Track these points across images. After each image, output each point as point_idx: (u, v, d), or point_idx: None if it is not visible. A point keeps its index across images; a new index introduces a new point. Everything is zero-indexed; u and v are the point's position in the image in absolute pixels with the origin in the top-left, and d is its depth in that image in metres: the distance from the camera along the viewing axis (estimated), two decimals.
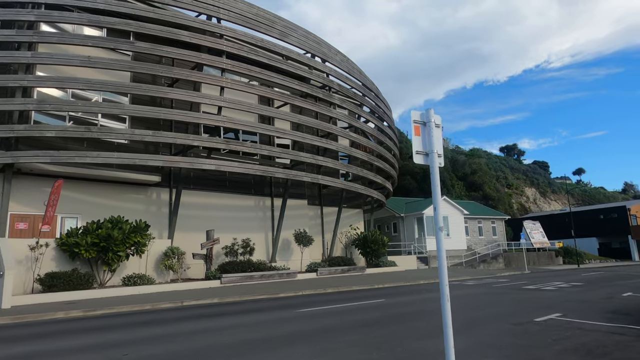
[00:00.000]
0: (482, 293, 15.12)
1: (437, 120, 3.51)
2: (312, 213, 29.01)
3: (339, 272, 24.26)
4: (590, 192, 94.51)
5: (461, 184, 59.47)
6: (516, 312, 10.33)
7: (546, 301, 12.40)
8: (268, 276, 20.30)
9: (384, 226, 40.02)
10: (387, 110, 31.39)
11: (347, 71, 24.11)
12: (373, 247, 28.78)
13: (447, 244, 36.43)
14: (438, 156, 3.36)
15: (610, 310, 10.30)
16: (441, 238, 3.35)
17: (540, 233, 41.27)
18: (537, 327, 8.24)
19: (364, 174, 25.54)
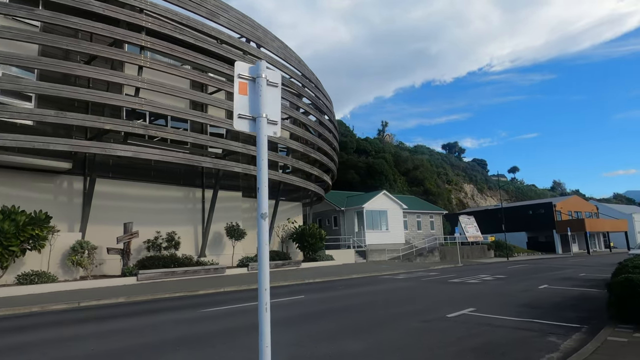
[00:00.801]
0: (408, 287, 14.93)
1: (273, 77, 2.75)
2: (248, 205, 27.90)
3: (272, 266, 23.42)
4: (523, 189, 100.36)
5: (403, 179, 60.57)
6: (432, 307, 10.04)
7: (466, 295, 12.31)
8: (193, 272, 19.06)
9: (324, 220, 39.68)
10: (328, 103, 30.84)
11: (284, 59, 23.16)
12: (310, 241, 28.26)
13: (386, 238, 36.78)
14: (269, 123, 2.61)
15: (523, 304, 10.29)
16: (263, 227, 2.60)
17: (475, 227, 42.81)
18: (445, 324, 7.90)
19: (300, 166, 24.83)
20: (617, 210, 65.98)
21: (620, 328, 6.86)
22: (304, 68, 26.26)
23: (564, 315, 8.77)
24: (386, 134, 75.00)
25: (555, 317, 8.46)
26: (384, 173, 54.72)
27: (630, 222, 60.55)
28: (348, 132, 61.75)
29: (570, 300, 10.76)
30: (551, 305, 10.01)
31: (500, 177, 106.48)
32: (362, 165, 55.42)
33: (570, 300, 10.88)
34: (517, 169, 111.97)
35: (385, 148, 62.06)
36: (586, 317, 8.42)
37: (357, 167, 55.15)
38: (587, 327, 7.50)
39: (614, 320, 7.43)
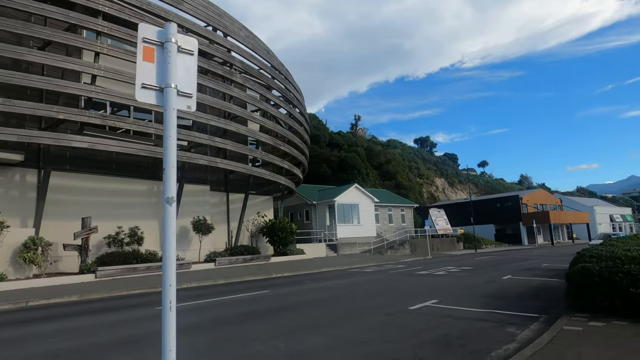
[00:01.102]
0: (375, 280, 14.84)
1: (187, 43, 2.40)
2: (217, 199, 27.30)
3: (240, 261, 22.99)
4: (492, 183, 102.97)
5: (376, 173, 60.87)
6: (397, 300, 9.92)
7: (431, 287, 12.31)
8: (156, 268, 18.41)
9: (296, 214, 39.38)
10: (298, 95, 30.44)
11: (252, 48, 22.57)
12: (280, 235, 27.91)
13: (358, 231, 36.82)
14: (181, 95, 2.28)
15: (486, 295, 10.32)
16: (169, 214, 2.28)
17: (444, 220, 43.51)
18: (408, 317, 7.77)
19: (270, 159, 24.40)
20: (579, 203, 68.55)
21: (576, 317, 6.89)
22: (273, 59, 25.75)
23: (524, 305, 8.80)
24: (359, 127, 75.20)
25: (516, 308, 8.47)
26: (357, 167, 54.80)
27: (591, 214, 63.00)
28: (321, 126, 61.51)
29: (532, 291, 10.88)
30: (513, 296, 10.08)
31: (470, 171, 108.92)
32: (335, 159, 55.32)
33: (531, 290, 11.00)
34: (486, 163, 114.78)
35: (358, 142, 62.18)
36: (545, 307, 8.47)
37: (330, 161, 55.02)
38: (545, 316, 7.52)
39: (572, 310, 7.47)
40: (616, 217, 71.21)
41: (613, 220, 69.94)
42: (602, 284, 6.98)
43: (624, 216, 73.33)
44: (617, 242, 8.63)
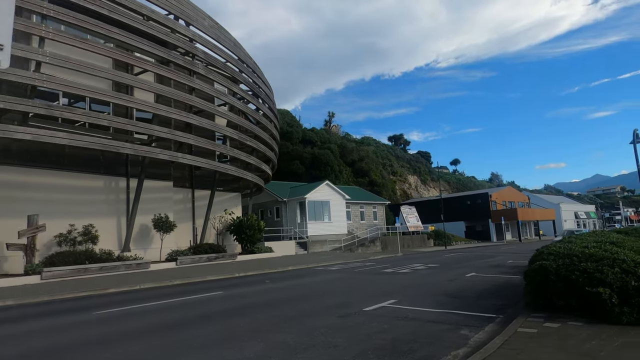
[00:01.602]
0: (338, 279, 14.42)
1: None
2: (181, 196, 26.34)
3: (204, 260, 22.18)
4: (463, 181, 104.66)
5: (349, 170, 60.66)
6: (355, 300, 9.48)
7: (393, 286, 11.96)
8: (111, 268, 17.45)
9: (267, 211, 38.66)
10: (268, 91, 29.69)
11: (216, 39, 21.69)
12: (248, 232, 27.20)
13: (329, 229, 36.44)
14: None
15: (447, 294, 10.02)
16: None
17: (415, 217, 43.72)
18: (361, 319, 7.32)
19: (235, 154, 23.64)
20: (546, 201, 70.40)
21: (532, 317, 6.60)
22: (240, 51, 24.94)
23: (483, 304, 8.52)
24: (333, 124, 74.82)
25: (474, 307, 8.17)
26: (329, 164, 54.41)
27: (557, 212, 64.78)
28: (294, 122, 60.81)
29: (493, 289, 10.66)
30: (473, 295, 9.81)
31: (443, 169, 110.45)
32: (308, 155, 54.76)
33: (493, 288, 10.79)
34: (458, 161, 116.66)
35: (332, 139, 61.81)
36: (504, 306, 8.20)
37: (303, 158, 54.43)
38: (502, 317, 7.22)
39: (529, 309, 7.20)
40: (581, 214, 73.52)
41: (578, 217, 72.18)
42: (559, 282, 6.71)
43: (588, 213, 75.80)
44: (576, 239, 8.45)
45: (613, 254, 6.72)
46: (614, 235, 8.57)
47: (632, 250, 7.24)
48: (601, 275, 6.24)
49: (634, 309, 5.92)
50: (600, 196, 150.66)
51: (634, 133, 14.73)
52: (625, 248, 7.33)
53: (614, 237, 8.33)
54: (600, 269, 6.36)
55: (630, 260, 6.38)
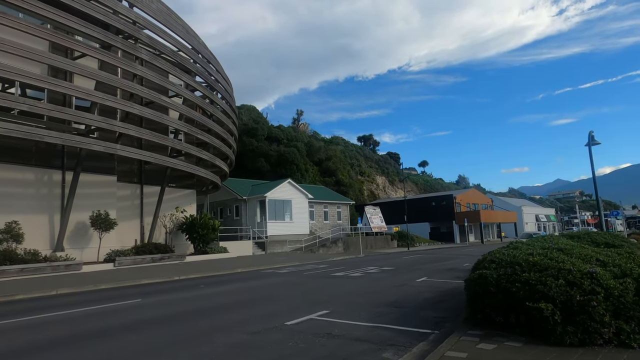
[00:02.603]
0: (280, 283, 13.36)
1: None
2: (128, 192, 24.61)
3: (147, 261, 20.65)
4: (431, 182, 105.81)
5: (316, 169, 59.74)
6: (282, 310, 8.45)
7: (334, 293, 11.02)
8: (34, 270, 15.75)
9: (226, 209, 37.20)
10: (227, 85, 28.25)
11: (165, 24, 20.16)
12: (201, 232, 25.78)
13: (290, 229, 35.34)
14: None
15: (388, 302, 9.14)
16: None
17: (380, 218, 43.17)
18: (277, 336, 6.29)
19: (184, 147, 22.20)
20: (509, 203, 71.78)
21: (468, 336, 5.74)
22: (194, 40, 23.46)
23: (423, 316, 7.67)
24: (301, 123, 73.76)
25: (412, 320, 7.30)
26: (295, 162, 53.32)
27: (519, 214, 66.08)
28: (260, 119, 59.36)
29: (440, 297, 9.87)
30: (416, 304, 8.97)
31: (411, 170, 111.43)
32: (273, 153, 53.48)
33: (440, 296, 10.00)
34: (426, 163, 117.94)
35: (299, 137, 60.71)
36: (444, 319, 7.36)
37: (268, 156, 53.11)
38: (437, 332, 6.35)
39: (467, 324, 6.36)
40: (541, 217, 75.43)
41: (538, 220, 74.01)
42: (499, 294, 5.88)
43: (548, 216, 77.89)
44: (523, 244, 7.73)
45: (559, 263, 5.96)
46: (564, 241, 7.90)
47: (580, 258, 6.52)
48: (544, 288, 5.44)
49: (579, 328, 5.14)
50: (561, 200, 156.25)
51: (590, 135, 14.42)
52: (573, 256, 6.61)
53: (563, 243, 7.64)
54: (544, 280, 5.56)
55: (576, 271, 5.62)
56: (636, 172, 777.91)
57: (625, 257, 7.06)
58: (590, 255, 6.67)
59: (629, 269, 5.88)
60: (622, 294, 5.24)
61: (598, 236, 11.54)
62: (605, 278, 5.48)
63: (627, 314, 5.13)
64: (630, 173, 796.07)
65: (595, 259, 6.56)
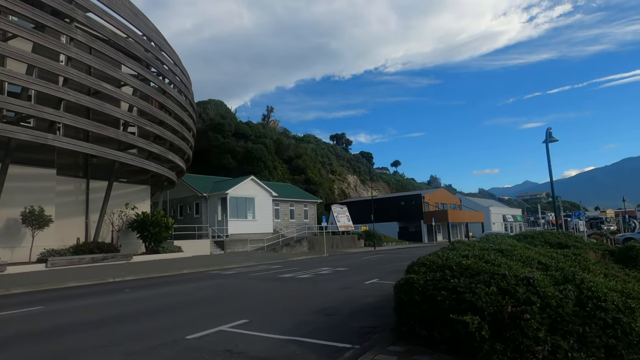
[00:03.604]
0: (215, 286, 12.28)
1: None
2: (72, 187, 22.94)
3: (86, 261, 19.10)
4: (403, 182, 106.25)
5: (285, 167, 58.62)
6: (194, 320, 7.37)
7: (268, 298, 10.04)
8: None
9: (186, 207, 35.63)
10: (185, 79, 26.71)
11: (108, 5, 18.59)
12: (152, 230, 24.28)
13: (252, 227, 34.12)
14: None
15: (321, 309, 8.21)
16: None
17: (347, 217, 42.48)
18: (162, 355, 5.23)
19: (129, 139, 20.71)
20: (477, 204, 72.57)
21: (386, 353, 4.85)
22: (144, 25, 21.95)
23: (352, 325, 6.77)
24: (271, 119, 72.37)
25: (336, 331, 6.38)
26: (263, 159, 52.05)
27: (487, 214, 66.86)
28: (228, 114, 57.75)
29: (383, 300, 9.00)
30: (353, 310, 8.09)
31: (384, 170, 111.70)
32: (241, 150, 52.04)
33: (383, 300, 9.12)
34: (399, 162, 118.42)
35: (268, 134, 59.38)
36: (374, 329, 6.49)
37: (235, 152, 51.64)
38: (357, 348, 5.43)
39: (393, 337, 5.48)
40: (508, 217, 76.69)
41: (505, 220, 75.20)
42: (424, 304, 5.02)
43: (514, 216, 79.29)
44: (462, 244, 6.92)
45: (494, 267, 5.14)
46: (509, 241, 7.15)
47: (520, 261, 5.75)
48: (472, 297, 4.60)
49: (509, 346, 4.30)
50: (528, 201, 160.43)
51: (547, 132, 13.97)
52: (513, 258, 5.83)
53: (506, 243, 6.88)
54: (473, 287, 4.72)
55: (511, 276, 4.81)
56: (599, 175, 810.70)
57: (572, 259, 6.35)
58: (532, 257, 5.91)
59: (571, 274, 5.12)
60: (560, 304, 4.44)
61: (551, 236, 10.97)
62: (544, 284, 4.68)
63: (566, 328, 4.33)
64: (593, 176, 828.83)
65: (538, 261, 5.79)
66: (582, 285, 4.72)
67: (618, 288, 4.83)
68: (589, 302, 4.48)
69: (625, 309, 4.46)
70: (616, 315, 4.39)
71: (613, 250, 9.43)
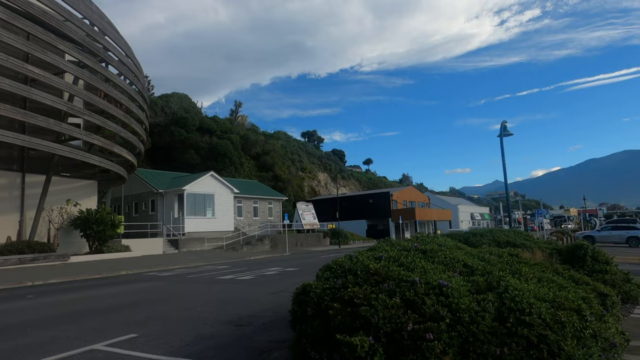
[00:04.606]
0: (138, 290, 11.05)
1: None
2: (4, 181, 21.17)
3: (12, 262, 17.39)
4: (375, 180, 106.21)
5: (253, 163, 57.12)
6: (73, 335, 6.19)
7: (186, 304, 8.92)
8: None
9: (141, 203, 33.84)
10: (133, 66, 25.02)
11: None
12: (96, 228, 22.63)
13: (212, 225, 32.71)
14: None
15: (235, 318, 7.18)
16: None
17: (312, 215, 41.51)
18: None
19: (64, 129, 19.07)
20: (446, 202, 73.07)
21: None
22: (87, 8, 20.28)
23: (257, 340, 5.78)
24: (240, 115, 70.59)
25: (236, 349, 5.38)
26: (228, 155, 50.46)
27: (455, 212, 67.33)
28: (192, 108, 55.77)
29: None
30: (271, 319, 7.11)
31: (356, 168, 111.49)
32: (205, 145, 50.28)
33: None
34: (371, 161, 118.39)
35: (235, 129, 57.69)
36: (281, 344, 5.51)
37: (199, 147, 49.85)
38: None
39: (291, 358, 4.50)
40: (476, 215, 77.62)
41: (473, 218, 76.06)
42: (316, 320, 4.05)
43: (482, 215, 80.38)
44: (385, 244, 6.00)
45: (408, 271, 4.23)
46: (440, 239, 6.28)
47: (443, 263, 4.86)
48: (369, 311, 3.65)
49: None
50: (497, 199, 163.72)
51: (502, 125, 13.37)
52: (436, 260, 4.94)
53: (436, 242, 6.00)
54: (373, 298, 3.78)
55: (421, 283, 3.89)
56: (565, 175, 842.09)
57: (506, 260, 5.53)
58: (458, 259, 5.03)
59: (496, 280, 4.25)
60: (475, 319, 3.55)
61: (501, 234, 10.30)
62: (459, 294, 3.78)
63: (479, 350, 3.44)
64: (560, 176, 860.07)
65: (463, 264, 4.92)
66: (504, 294, 3.85)
67: (549, 297, 3.99)
68: (510, 316, 3.61)
69: (554, 323, 3.60)
70: (543, 332, 3.54)
71: (561, 250, 8.78)
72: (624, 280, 7.93)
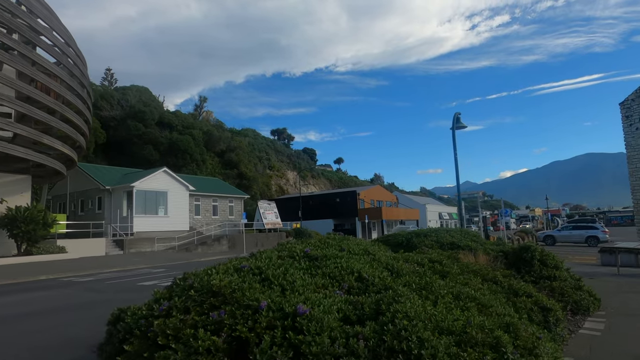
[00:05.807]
0: (24, 301, 9.41)
1: None
2: None
3: None
4: (345, 180, 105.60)
5: (217, 160, 55.12)
6: None
7: (43, 326, 7.41)
8: None
9: (87, 201, 31.54)
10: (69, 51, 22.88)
11: None
12: (25, 228, 20.47)
13: (164, 224, 30.76)
14: None
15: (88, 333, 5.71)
16: None
17: (274, 214, 40.07)
18: None
19: None
20: (415, 201, 72.99)
21: None
22: None
23: None
24: (204, 110, 68.27)
25: None
26: (190, 152, 48.36)
27: (423, 212, 67.24)
28: (151, 102, 53.24)
29: None
30: None
31: (327, 167, 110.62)
32: (165, 140, 47.97)
33: None
34: (342, 160, 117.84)
35: (197, 125, 55.43)
36: None
37: (158, 143, 47.50)
38: None
39: None
40: (444, 215, 77.97)
41: (441, 218, 76.34)
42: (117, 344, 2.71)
43: (450, 214, 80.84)
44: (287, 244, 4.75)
45: (269, 287, 2.97)
46: (351, 243, 5.06)
47: (329, 276, 3.61)
48: (173, 357, 2.35)
49: None
50: (466, 200, 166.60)
51: (454, 117, 12.40)
52: (321, 272, 3.69)
53: (343, 245, 4.77)
54: (191, 334, 2.48)
55: (270, 310, 2.63)
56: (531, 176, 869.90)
57: (426, 268, 4.34)
58: (354, 269, 3.79)
59: (388, 301, 3.03)
60: None
61: (446, 234, 9.25)
62: (318, 327, 2.54)
63: None
64: (526, 177, 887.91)
65: (358, 275, 3.68)
66: (387, 326, 2.63)
67: (457, 326, 2.81)
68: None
69: None
70: None
71: (508, 252, 7.76)
72: (574, 288, 6.96)
